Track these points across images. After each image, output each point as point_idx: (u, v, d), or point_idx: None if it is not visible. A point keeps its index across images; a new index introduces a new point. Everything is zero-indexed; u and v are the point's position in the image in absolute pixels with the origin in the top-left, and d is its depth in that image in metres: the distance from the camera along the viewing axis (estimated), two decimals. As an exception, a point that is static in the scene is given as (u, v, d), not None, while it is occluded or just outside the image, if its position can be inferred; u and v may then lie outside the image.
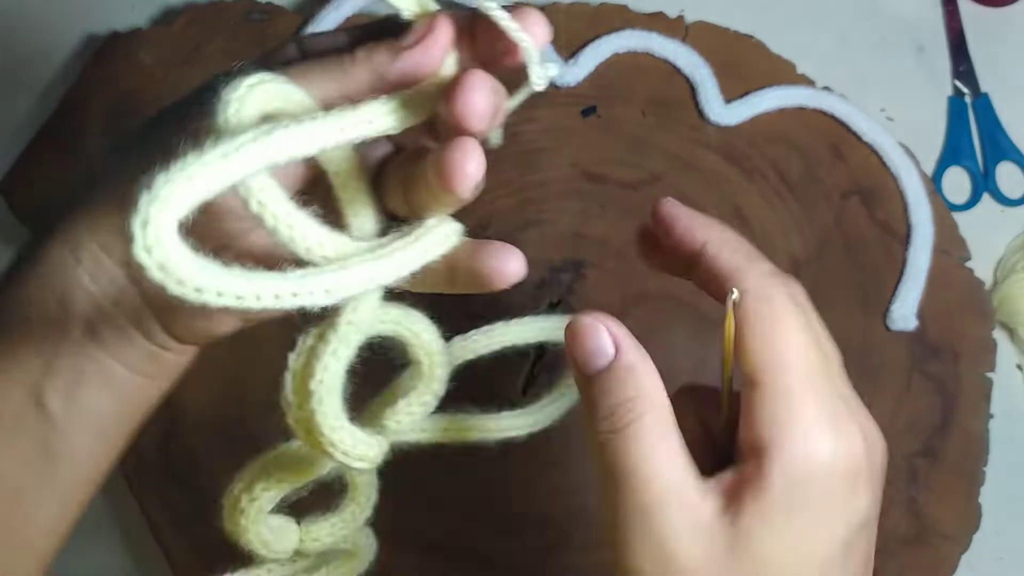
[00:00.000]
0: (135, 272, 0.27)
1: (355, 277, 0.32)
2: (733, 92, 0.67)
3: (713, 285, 0.36)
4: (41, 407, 0.38)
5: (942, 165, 0.70)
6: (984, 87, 0.71)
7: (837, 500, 0.32)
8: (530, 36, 0.35)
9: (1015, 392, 0.68)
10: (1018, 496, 0.66)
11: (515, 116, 0.69)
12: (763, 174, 0.67)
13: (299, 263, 0.32)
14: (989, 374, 0.65)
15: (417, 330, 0.37)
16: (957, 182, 0.70)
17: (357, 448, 0.35)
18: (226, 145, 0.29)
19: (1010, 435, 0.66)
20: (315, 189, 0.37)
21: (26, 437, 0.38)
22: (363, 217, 0.37)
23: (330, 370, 0.33)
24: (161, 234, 0.26)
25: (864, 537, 0.34)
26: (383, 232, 0.37)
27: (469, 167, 0.33)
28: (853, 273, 0.66)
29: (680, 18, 0.69)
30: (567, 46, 0.68)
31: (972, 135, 0.71)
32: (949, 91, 0.71)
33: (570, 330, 0.35)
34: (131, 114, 0.68)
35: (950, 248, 0.66)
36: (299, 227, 0.32)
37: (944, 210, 0.67)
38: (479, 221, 0.66)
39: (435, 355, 0.37)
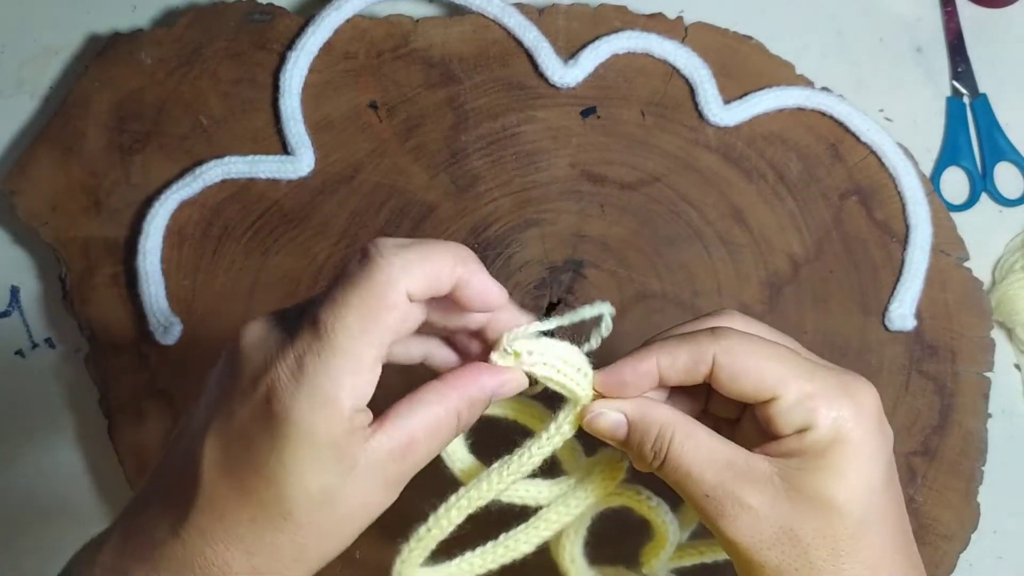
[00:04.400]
0: None
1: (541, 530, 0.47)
2: (732, 93, 0.67)
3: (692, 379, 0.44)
4: None
5: (940, 165, 0.70)
6: (982, 88, 0.71)
7: (873, 441, 0.41)
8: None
9: (1013, 391, 0.68)
10: (1016, 495, 0.66)
11: (515, 116, 0.70)
12: (762, 174, 0.67)
13: None
14: (987, 373, 0.65)
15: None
16: (955, 182, 0.71)
17: None
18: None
19: (1008, 434, 0.67)
20: None
21: None
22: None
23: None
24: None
25: (894, 467, 0.43)
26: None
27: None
28: (852, 273, 0.66)
29: (679, 19, 0.69)
30: (567, 47, 0.68)
31: (970, 135, 0.71)
32: (948, 92, 0.72)
33: (588, 427, 0.44)
34: (133, 115, 0.69)
35: (948, 248, 0.66)
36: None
37: (942, 210, 0.67)
38: (479, 221, 0.66)
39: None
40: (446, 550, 0.46)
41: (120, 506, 0.64)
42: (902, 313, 0.64)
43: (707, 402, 0.47)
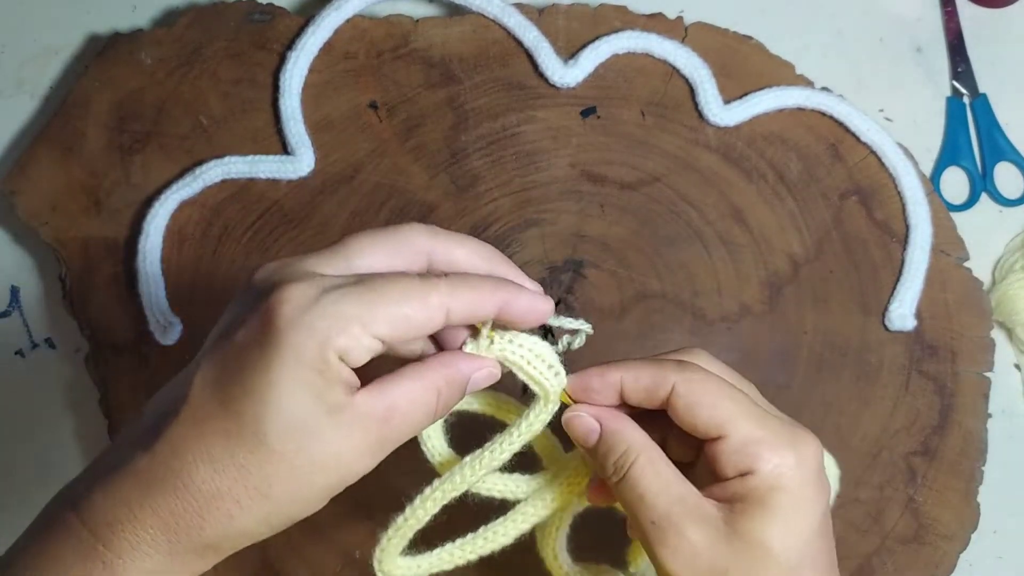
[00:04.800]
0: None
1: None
2: (732, 93, 0.67)
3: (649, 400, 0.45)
4: None
5: (940, 165, 0.70)
6: (982, 88, 0.71)
7: (811, 492, 0.42)
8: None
9: (1013, 391, 0.68)
10: (1016, 495, 0.66)
11: (515, 116, 0.70)
12: (762, 174, 0.67)
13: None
14: (987, 373, 0.65)
15: None
16: (955, 182, 0.71)
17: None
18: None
19: (1008, 434, 0.67)
20: None
21: None
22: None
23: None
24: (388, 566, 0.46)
25: (829, 517, 0.44)
26: None
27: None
28: (852, 273, 0.66)
29: (679, 19, 0.69)
30: (567, 47, 0.68)
31: (970, 135, 0.71)
32: (948, 92, 0.72)
33: (565, 426, 0.46)
34: (133, 115, 0.69)
35: (948, 248, 0.66)
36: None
37: (942, 210, 0.67)
38: (479, 221, 0.66)
39: None
40: (427, 542, 0.46)
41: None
42: (902, 313, 0.64)
43: (664, 444, 0.48)
